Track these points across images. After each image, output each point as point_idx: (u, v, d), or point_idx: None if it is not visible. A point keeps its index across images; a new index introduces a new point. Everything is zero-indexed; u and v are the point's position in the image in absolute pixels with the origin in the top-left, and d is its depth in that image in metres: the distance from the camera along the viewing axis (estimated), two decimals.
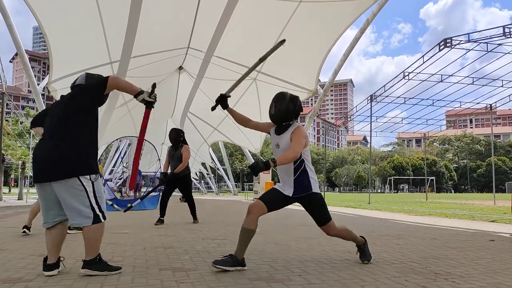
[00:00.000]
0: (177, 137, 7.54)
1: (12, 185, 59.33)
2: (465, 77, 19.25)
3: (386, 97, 21.12)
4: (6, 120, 32.72)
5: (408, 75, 18.04)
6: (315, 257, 3.87)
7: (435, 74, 18.62)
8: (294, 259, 3.73)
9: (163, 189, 7.83)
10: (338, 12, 10.95)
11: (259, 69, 14.31)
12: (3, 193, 19.85)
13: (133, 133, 16.68)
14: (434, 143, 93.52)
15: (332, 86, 33.21)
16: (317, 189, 3.42)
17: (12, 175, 55.99)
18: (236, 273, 3.15)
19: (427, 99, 22.61)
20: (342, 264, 3.56)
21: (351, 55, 13.59)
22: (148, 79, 14.67)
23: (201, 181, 46.72)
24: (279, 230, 6.19)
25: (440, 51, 14.95)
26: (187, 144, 7.62)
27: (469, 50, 15.40)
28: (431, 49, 15.77)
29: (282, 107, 3.36)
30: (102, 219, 3.07)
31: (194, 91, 16.30)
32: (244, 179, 69.10)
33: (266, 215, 3.35)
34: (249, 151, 28.77)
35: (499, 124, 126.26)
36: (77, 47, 10.56)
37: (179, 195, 17.67)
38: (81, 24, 10.04)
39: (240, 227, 3.27)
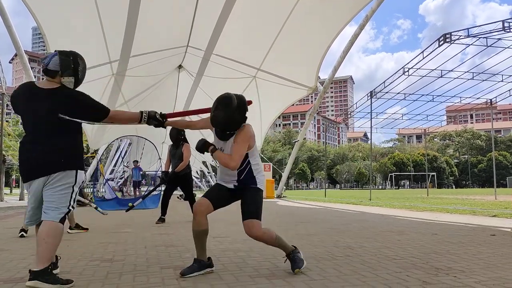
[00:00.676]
0: (178, 136, 7.54)
1: (14, 185, 59.41)
2: (465, 72, 19.22)
3: (386, 93, 21.07)
4: (7, 121, 32.76)
5: (408, 71, 17.99)
6: (316, 254, 3.87)
7: (435, 69, 18.57)
8: None
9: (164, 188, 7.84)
10: (337, 8, 10.94)
11: (258, 66, 14.31)
12: (4, 193, 19.88)
13: (133, 133, 16.68)
14: (435, 139, 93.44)
15: (332, 83, 33.15)
16: (262, 186, 3.14)
17: (14, 176, 56.10)
18: (237, 270, 3.16)
19: (427, 94, 22.55)
20: (343, 260, 3.56)
21: (351, 51, 13.58)
22: (147, 78, 14.68)
23: (202, 180, 46.77)
24: (280, 228, 6.20)
25: (439, 46, 14.91)
26: (187, 142, 7.62)
27: (469, 45, 15.37)
28: (430, 45, 15.75)
29: (227, 114, 2.92)
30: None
31: (194, 90, 16.31)
32: None
33: (265, 212, 3.31)
34: None
35: (500, 119, 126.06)
36: (76, 47, 10.53)
37: (179, 193, 17.69)
38: (79, 24, 10.03)
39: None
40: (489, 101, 20.62)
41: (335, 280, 2.83)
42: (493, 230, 5.79)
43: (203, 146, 3.05)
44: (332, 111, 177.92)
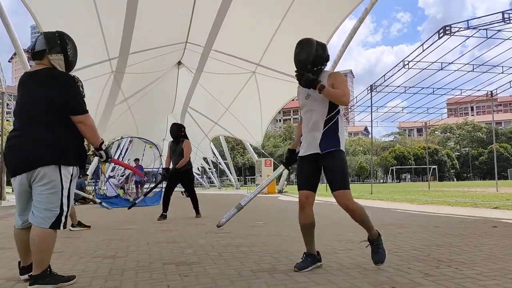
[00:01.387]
0: (178, 132, 7.55)
1: None
2: (465, 64, 19.13)
3: (386, 86, 21.03)
4: (7, 120, 32.74)
5: (408, 64, 17.94)
6: (317, 248, 3.86)
7: (435, 62, 18.51)
8: (297, 250, 3.73)
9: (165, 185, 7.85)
10: (336, 2, 10.89)
11: (258, 61, 14.28)
12: (7, 192, 19.93)
13: (133, 131, 16.72)
14: (436, 132, 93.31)
15: None
16: (343, 147, 3.08)
17: None
18: (239, 265, 3.17)
19: (427, 87, 22.50)
20: (345, 253, 3.58)
21: (350, 45, 13.51)
22: (147, 75, 14.67)
23: (203, 176, 46.80)
24: (282, 223, 6.21)
25: (439, 39, 14.85)
26: (188, 139, 7.62)
27: (469, 37, 15.29)
28: (430, 37, 15.69)
29: (312, 49, 2.96)
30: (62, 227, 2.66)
31: (194, 86, 16.28)
32: (246, 172, 69.19)
33: (267, 208, 3.31)
34: (250, 145, 28.82)
35: (500, 111, 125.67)
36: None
37: (183, 189, 17.70)
38: (78, 21, 10.00)
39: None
40: (490, 93, 20.55)
41: (336, 274, 2.85)
42: (495, 221, 5.80)
43: (313, 81, 2.85)
44: None
